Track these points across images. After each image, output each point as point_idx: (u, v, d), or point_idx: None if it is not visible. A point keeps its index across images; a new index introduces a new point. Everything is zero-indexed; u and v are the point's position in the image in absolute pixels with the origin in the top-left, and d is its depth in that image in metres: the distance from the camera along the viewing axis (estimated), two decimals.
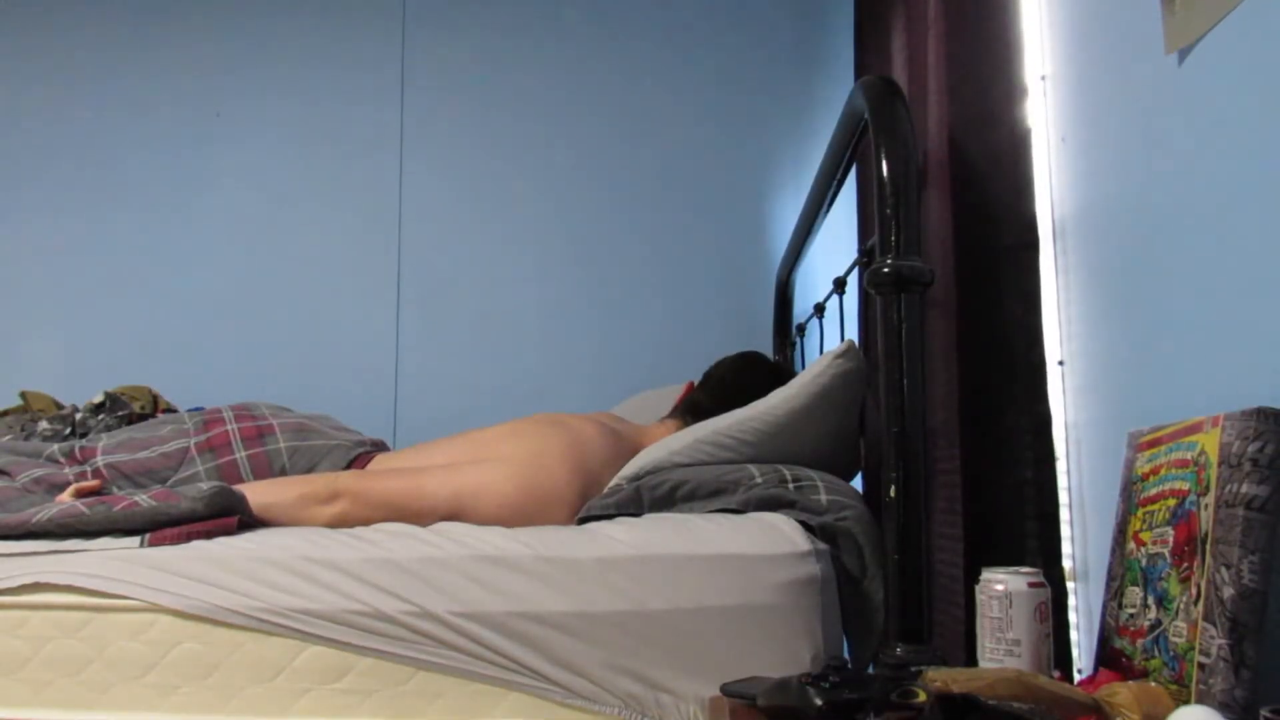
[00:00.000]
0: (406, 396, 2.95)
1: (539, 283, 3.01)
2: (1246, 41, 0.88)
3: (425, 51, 3.15)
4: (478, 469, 1.43)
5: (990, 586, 0.95)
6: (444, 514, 1.39)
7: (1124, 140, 1.11)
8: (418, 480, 1.41)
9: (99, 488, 1.46)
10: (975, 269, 1.30)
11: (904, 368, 1.15)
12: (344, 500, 1.37)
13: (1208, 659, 0.75)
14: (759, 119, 3.08)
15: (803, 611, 1.19)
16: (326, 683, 1.17)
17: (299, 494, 1.37)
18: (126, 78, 3.16)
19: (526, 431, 1.51)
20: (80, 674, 1.19)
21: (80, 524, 1.29)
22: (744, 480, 1.34)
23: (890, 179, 1.19)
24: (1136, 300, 1.08)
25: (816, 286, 2.40)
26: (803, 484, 1.33)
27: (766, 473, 1.35)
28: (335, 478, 1.41)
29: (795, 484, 1.33)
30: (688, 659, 1.17)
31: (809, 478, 1.35)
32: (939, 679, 0.81)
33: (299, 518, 1.36)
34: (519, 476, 1.42)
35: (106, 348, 2.99)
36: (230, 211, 3.10)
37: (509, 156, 3.09)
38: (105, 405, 1.95)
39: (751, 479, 1.34)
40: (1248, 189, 0.88)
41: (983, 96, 1.33)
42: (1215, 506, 0.78)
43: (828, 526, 1.27)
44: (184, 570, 1.22)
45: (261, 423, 1.58)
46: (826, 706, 0.82)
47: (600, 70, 3.12)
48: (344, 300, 3.05)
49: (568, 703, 1.16)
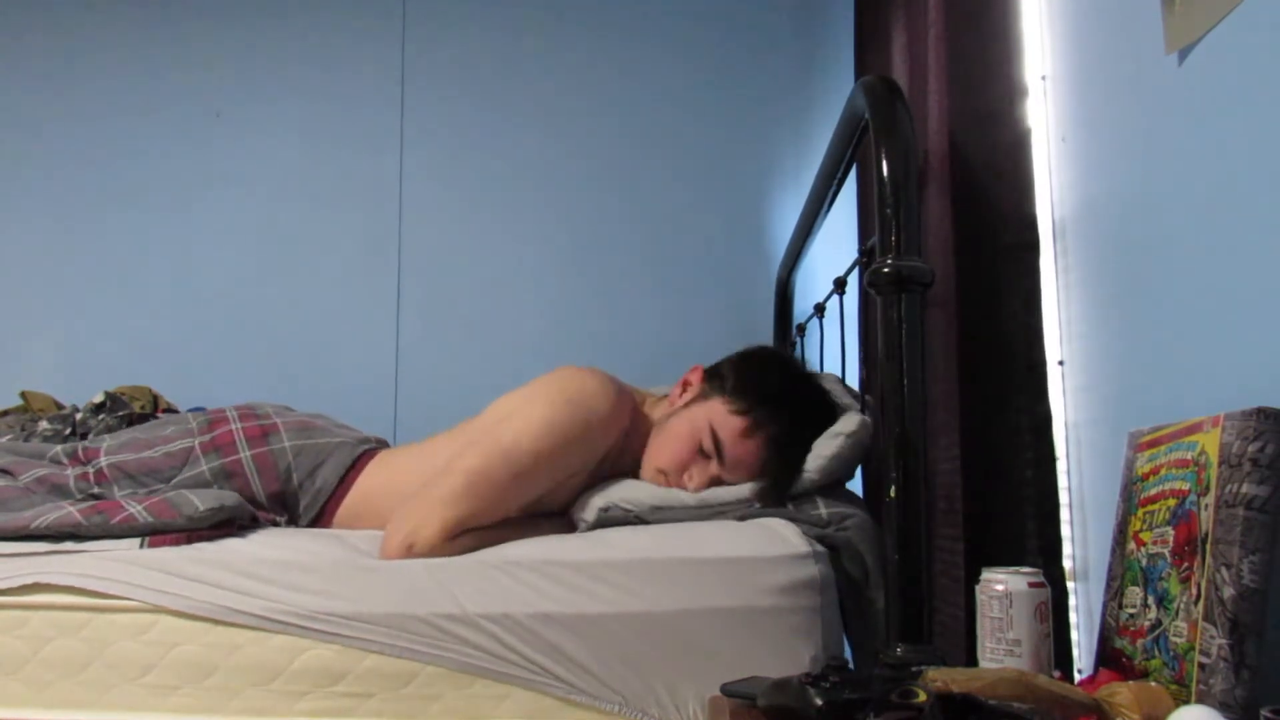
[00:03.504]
0: (406, 396, 2.95)
1: (539, 283, 3.01)
2: (1246, 41, 0.88)
3: (425, 51, 3.15)
4: (500, 425, 1.38)
5: (990, 586, 0.95)
6: (508, 481, 1.33)
7: (1124, 140, 1.11)
8: (468, 473, 1.33)
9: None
10: (975, 269, 1.30)
11: (904, 368, 1.15)
12: (422, 547, 1.28)
13: (1208, 659, 0.75)
14: (759, 119, 3.08)
15: (802, 613, 1.19)
16: (325, 685, 1.17)
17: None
18: (126, 78, 3.16)
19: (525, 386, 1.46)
20: (80, 674, 1.19)
21: (77, 533, 1.30)
22: (745, 511, 1.36)
23: (890, 179, 1.19)
24: (1136, 300, 1.08)
25: (816, 286, 2.40)
26: (801, 502, 1.35)
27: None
28: (405, 541, 1.28)
29: (794, 502, 1.35)
30: (688, 659, 1.17)
31: (806, 492, 1.36)
32: (939, 679, 0.81)
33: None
34: (543, 396, 1.37)
35: (106, 348, 2.99)
36: (230, 211, 3.10)
37: (509, 156, 3.09)
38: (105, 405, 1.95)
39: (752, 507, 1.37)
40: (1248, 189, 0.88)
41: (983, 96, 1.33)
42: (1215, 506, 0.78)
43: (827, 538, 1.27)
44: (184, 571, 1.22)
45: (265, 422, 1.57)
46: (826, 706, 0.82)
47: (600, 70, 3.12)
48: (344, 300, 3.05)
49: (569, 698, 1.16)
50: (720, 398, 1.43)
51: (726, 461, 1.40)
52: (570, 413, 1.37)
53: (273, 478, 1.51)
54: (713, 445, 1.40)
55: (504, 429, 1.37)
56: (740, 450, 1.39)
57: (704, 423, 1.41)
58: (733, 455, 1.39)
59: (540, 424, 1.35)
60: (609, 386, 1.43)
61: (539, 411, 1.37)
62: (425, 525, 1.29)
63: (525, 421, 1.37)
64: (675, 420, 1.45)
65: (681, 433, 1.42)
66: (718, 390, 1.44)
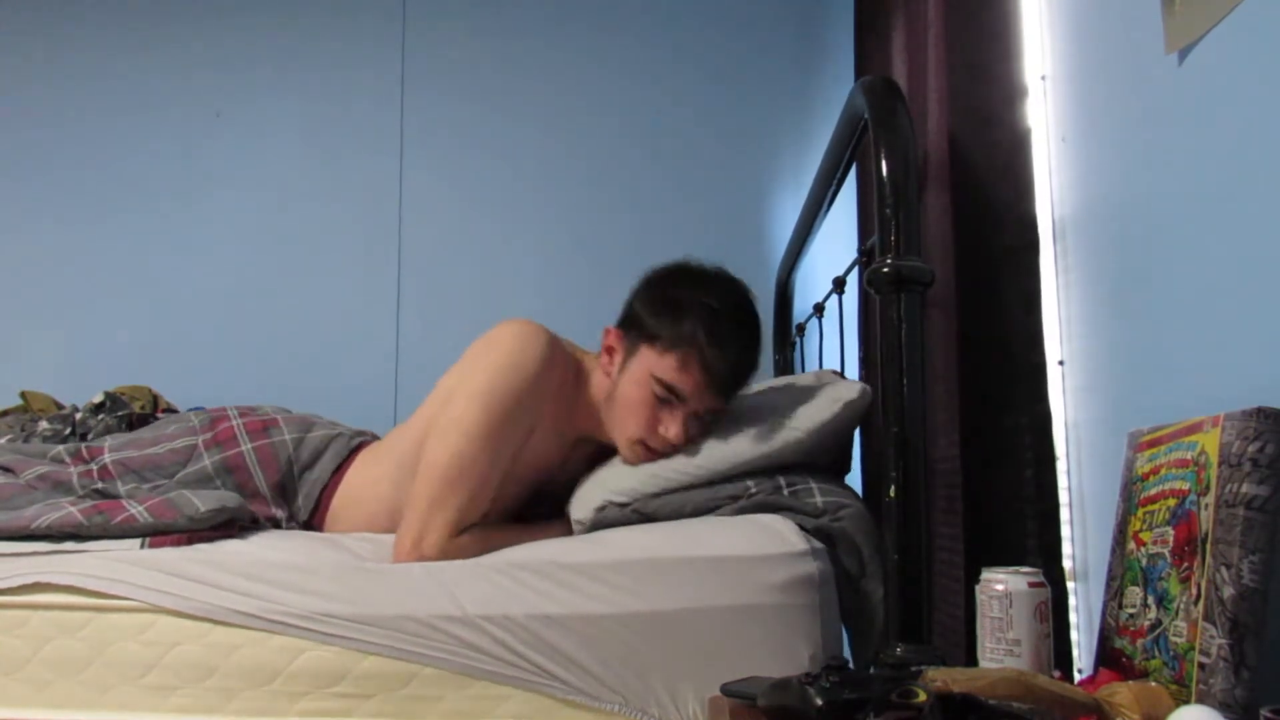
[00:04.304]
0: (406, 396, 2.95)
1: (539, 282, 3.01)
2: (1246, 41, 0.88)
3: (425, 51, 3.15)
4: (451, 406, 1.39)
5: (990, 586, 0.95)
6: (479, 455, 1.34)
7: (1124, 140, 1.11)
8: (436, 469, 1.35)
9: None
10: (975, 269, 1.30)
11: (904, 368, 1.15)
12: (432, 553, 1.30)
13: (1208, 659, 0.75)
14: (759, 119, 3.08)
15: (801, 610, 1.19)
16: (324, 686, 1.17)
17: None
18: (126, 78, 3.16)
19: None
20: (80, 674, 1.19)
21: (78, 533, 1.30)
22: (741, 494, 1.35)
23: (890, 179, 1.19)
24: (1136, 300, 1.08)
25: (816, 286, 2.40)
26: (797, 488, 1.33)
27: (762, 482, 1.35)
28: (414, 555, 1.30)
29: (790, 489, 1.33)
30: (688, 659, 1.17)
31: (804, 480, 1.35)
32: (939, 679, 0.81)
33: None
34: (480, 363, 1.38)
35: (106, 348, 2.99)
36: (230, 211, 3.10)
37: (509, 156, 3.09)
38: (105, 405, 1.95)
39: (748, 491, 1.35)
40: (1248, 189, 0.88)
41: (983, 96, 1.33)
42: (1215, 506, 0.78)
43: (824, 528, 1.27)
44: (184, 571, 1.22)
45: (266, 418, 1.59)
46: (826, 706, 0.82)
47: (600, 70, 3.12)
48: (344, 299, 3.05)
49: (569, 699, 1.16)
50: (644, 346, 1.40)
51: (687, 397, 1.37)
52: (507, 373, 1.36)
53: (274, 469, 1.52)
54: (666, 391, 1.37)
55: (455, 408, 1.37)
56: (689, 380, 1.36)
57: (644, 376, 1.38)
58: (686, 388, 1.37)
59: (484, 393, 1.35)
60: (539, 336, 1.41)
61: (480, 381, 1.36)
62: (428, 532, 1.30)
63: (470, 396, 1.36)
64: (620, 389, 1.42)
65: (632, 397, 1.40)
66: (638, 340, 1.42)
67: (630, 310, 1.47)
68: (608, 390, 1.45)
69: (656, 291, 1.46)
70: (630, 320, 1.45)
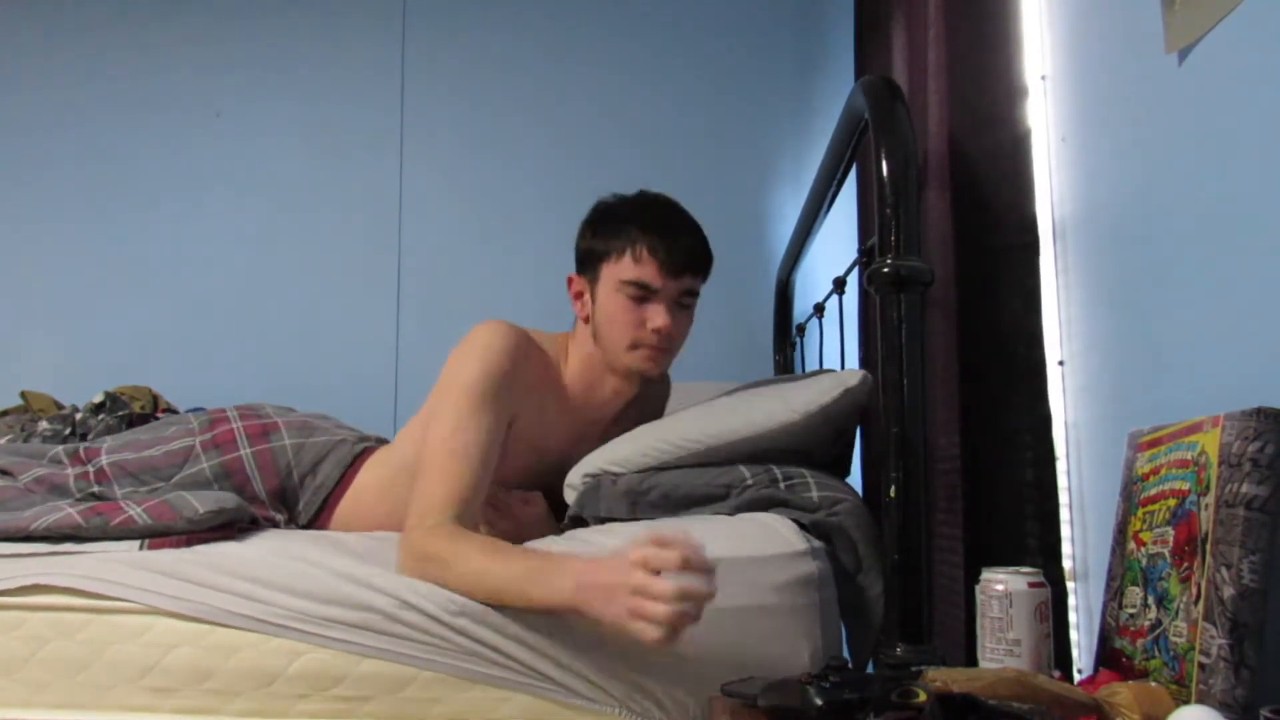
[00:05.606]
0: (406, 396, 2.95)
1: (539, 283, 3.00)
2: (1246, 41, 0.88)
3: (425, 51, 3.15)
4: (437, 405, 1.42)
5: (990, 586, 0.95)
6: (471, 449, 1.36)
7: (1124, 140, 1.11)
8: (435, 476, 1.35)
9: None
10: (975, 269, 1.30)
11: (904, 368, 1.15)
12: (438, 550, 1.26)
13: (1208, 659, 0.75)
14: (759, 119, 3.08)
15: (801, 610, 1.19)
16: (324, 688, 1.17)
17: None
18: (127, 78, 3.16)
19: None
20: (79, 675, 1.19)
21: (77, 535, 1.30)
22: (736, 483, 1.34)
23: (890, 179, 1.19)
24: (1137, 300, 1.08)
25: (816, 286, 2.40)
26: (794, 481, 1.33)
27: (758, 473, 1.34)
28: (421, 555, 1.27)
29: (786, 482, 1.33)
30: (687, 660, 1.17)
31: (800, 474, 1.34)
32: (939, 679, 0.81)
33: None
34: (459, 361, 1.42)
35: (106, 348, 2.99)
36: (230, 211, 3.10)
37: (509, 156, 3.09)
38: (105, 405, 1.95)
39: (743, 481, 1.34)
40: (1248, 189, 0.88)
41: (983, 96, 1.33)
42: (1215, 506, 0.78)
43: (820, 523, 1.27)
44: (183, 573, 1.22)
45: (266, 421, 1.58)
46: (826, 706, 0.82)
47: (600, 70, 3.12)
48: (344, 300, 3.05)
49: (569, 702, 1.16)
50: (602, 267, 1.47)
51: (656, 286, 1.44)
52: (480, 366, 1.40)
53: (273, 475, 1.51)
54: (635, 289, 1.43)
55: (441, 407, 1.40)
56: (649, 268, 1.43)
57: (612, 289, 1.45)
58: (649, 276, 1.43)
59: (464, 389, 1.39)
60: (507, 331, 1.47)
61: (462, 375, 1.40)
62: (432, 536, 1.29)
63: (452, 392, 1.40)
64: (599, 314, 1.48)
65: (611, 311, 1.46)
66: (595, 266, 1.49)
67: (578, 251, 1.56)
68: (593, 328, 1.51)
69: (590, 223, 1.56)
70: (581, 258, 1.54)
